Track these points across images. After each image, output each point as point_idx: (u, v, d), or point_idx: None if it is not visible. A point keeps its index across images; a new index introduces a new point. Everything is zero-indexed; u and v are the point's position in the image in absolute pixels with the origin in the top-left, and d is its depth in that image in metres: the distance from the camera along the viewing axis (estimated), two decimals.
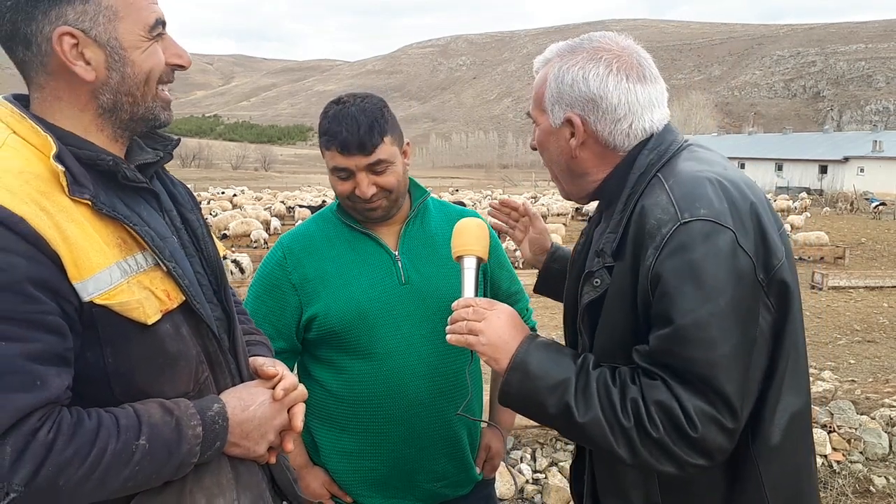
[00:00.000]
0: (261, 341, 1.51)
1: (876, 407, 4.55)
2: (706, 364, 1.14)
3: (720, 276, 1.16)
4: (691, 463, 1.18)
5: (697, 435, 1.15)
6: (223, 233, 25.11)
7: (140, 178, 1.21)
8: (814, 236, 22.85)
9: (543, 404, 1.26)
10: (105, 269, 1.08)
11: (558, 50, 1.40)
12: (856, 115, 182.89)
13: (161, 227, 1.23)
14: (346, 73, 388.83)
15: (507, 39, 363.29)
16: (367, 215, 1.80)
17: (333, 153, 1.72)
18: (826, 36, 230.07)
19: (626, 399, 1.20)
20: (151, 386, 1.15)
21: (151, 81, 1.19)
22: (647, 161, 1.32)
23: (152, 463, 1.08)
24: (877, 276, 17.79)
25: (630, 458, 1.20)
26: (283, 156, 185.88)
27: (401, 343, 1.77)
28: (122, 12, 1.14)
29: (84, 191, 1.09)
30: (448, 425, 1.83)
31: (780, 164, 68.39)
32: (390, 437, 1.79)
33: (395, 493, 1.83)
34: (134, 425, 1.08)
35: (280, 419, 1.28)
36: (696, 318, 1.14)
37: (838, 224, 31.46)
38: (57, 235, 1.03)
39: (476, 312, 1.38)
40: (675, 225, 1.19)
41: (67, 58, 1.10)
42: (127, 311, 1.09)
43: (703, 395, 1.15)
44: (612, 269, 1.29)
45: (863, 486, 3.83)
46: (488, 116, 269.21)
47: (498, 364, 1.34)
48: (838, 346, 10.96)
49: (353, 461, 1.83)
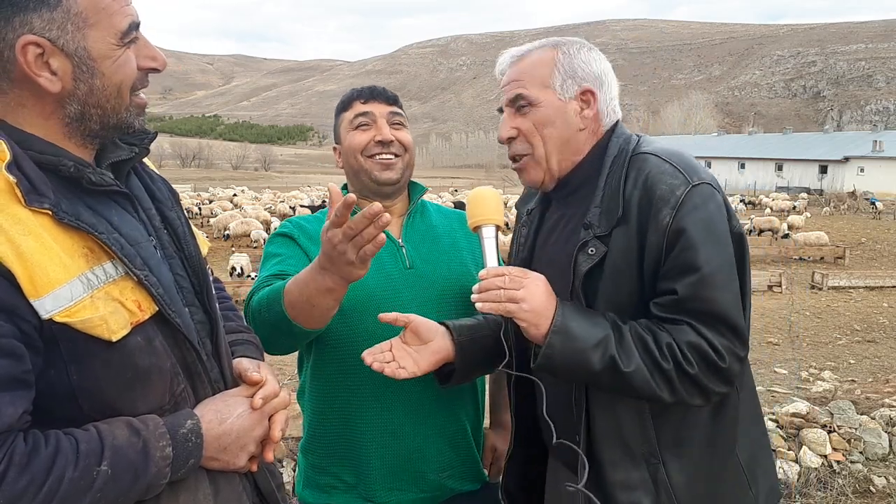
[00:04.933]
0: (249, 340, 1.45)
1: (876, 407, 4.55)
2: (724, 303, 1.35)
3: (724, 229, 1.40)
4: (716, 392, 1.39)
5: (726, 366, 1.35)
6: (225, 233, 25.08)
7: (107, 182, 1.14)
8: (814, 236, 22.85)
9: (589, 361, 1.37)
10: (65, 285, 1.01)
11: (539, 43, 1.58)
12: (856, 115, 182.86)
13: (134, 231, 1.16)
14: (346, 73, 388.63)
15: (507, 39, 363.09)
16: (384, 177, 1.84)
17: (355, 105, 1.86)
18: (826, 36, 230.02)
19: (662, 344, 1.36)
20: (122, 402, 1.09)
21: (124, 92, 1.13)
22: (618, 146, 1.52)
23: (116, 487, 1.03)
24: (877, 276, 17.78)
25: (670, 397, 1.37)
26: (284, 156, 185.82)
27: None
28: (93, 19, 1.07)
29: (43, 200, 1.02)
30: (452, 413, 1.84)
31: (780, 164, 68.38)
32: (396, 427, 1.79)
33: (401, 485, 1.82)
34: (95, 450, 1.02)
35: (260, 429, 1.23)
36: (717, 266, 1.36)
37: (838, 224, 31.45)
38: (9, 251, 0.97)
39: (513, 280, 1.41)
40: (688, 187, 1.38)
41: (31, 69, 1.04)
42: (89, 329, 1.03)
43: (720, 331, 1.36)
44: (605, 238, 1.44)
45: (863, 486, 3.83)
46: (488, 116, 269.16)
47: (538, 329, 1.40)
48: (838, 346, 10.97)
49: (358, 448, 1.82)
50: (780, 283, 16.42)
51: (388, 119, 1.84)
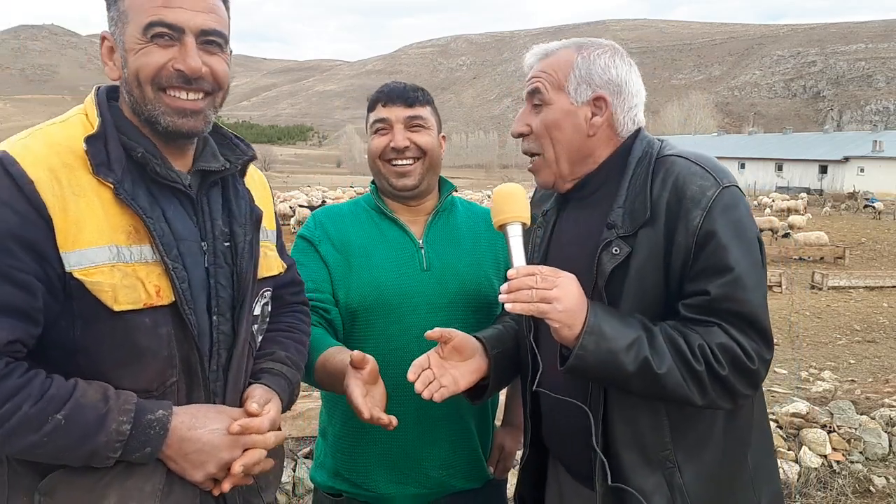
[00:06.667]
0: (282, 373, 1.44)
1: (876, 407, 4.55)
2: (754, 305, 1.35)
3: (754, 232, 1.40)
4: (743, 394, 1.37)
5: (755, 368, 1.34)
6: None
7: (172, 178, 1.23)
8: (814, 236, 22.83)
9: (622, 362, 1.33)
10: (93, 248, 1.12)
11: (567, 43, 1.55)
12: (856, 115, 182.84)
13: (185, 229, 1.24)
14: (346, 72, 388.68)
15: (507, 39, 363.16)
16: (399, 183, 1.85)
17: (377, 108, 1.86)
18: (826, 36, 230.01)
19: (694, 345, 1.34)
20: (112, 371, 1.16)
21: (144, 83, 1.21)
22: (643, 149, 1.50)
23: (64, 439, 1.08)
24: (877, 276, 17.77)
25: (700, 399, 1.35)
26: (283, 156, 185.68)
27: (415, 328, 1.78)
28: (130, 15, 1.20)
29: (109, 174, 1.15)
30: (457, 413, 1.85)
31: (780, 164, 68.33)
32: (400, 422, 1.79)
33: (403, 479, 1.84)
34: (60, 398, 1.09)
35: (227, 454, 1.22)
36: (748, 267, 1.35)
37: (838, 224, 31.45)
38: (56, 204, 1.10)
39: (545, 280, 1.37)
40: (719, 189, 1.38)
41: (104, 58, 1.25)
42: (96, 291, 1.12)
43: (748, 334, 1.35)
44: (629, 238, 1.42)
45: (863, 486, 3.83)
46: (488, 116, 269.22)
47: (571, 330, 1.35)
48: (838, 346, 10.96)
49: (363, 444, 1.85)
50: (780, 282, 16.40)
51: (405, 124, 1.83)
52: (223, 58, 1.28)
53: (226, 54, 1.29)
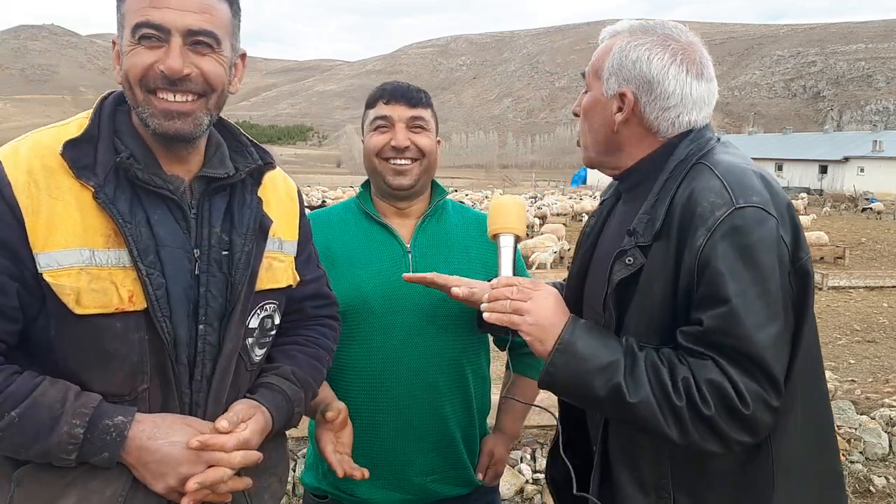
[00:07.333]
0: (282, 389, 1.38)
1: (876, 407, 4.55)
2: (757, 344, 1.17)
3: (770, 260, 1.20)
4: (736, 440, 1.21)
5: (749, 413, 1.17)
6: None
7: (159, 184, 1.21)
8: (814, 236, 22.81)
9: (591, 385, 1.25)
10: (63, 250, 1.12)
11: (630, 26, 1.44)
12: (856, 115, 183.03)
13: (170, 235, 1.21)
14: (346, 72, 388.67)
15: (507, 39, 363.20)
16: (395, 182, 1.83)
17: (378, 105, 1.85)
18: (826, 36, 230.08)
19: (678, 378, 1.21)
20: (82, 373, 1.16)
21: (134, 85, 1.19)
22: (687, 151, 1.36)
23: (18, 437, 1.11)
24: (877, 276, 17.77)
25: (680, 438, 1.21)
26: (284, 156, 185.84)
27: (399, 333, 1.78)
28: (127, 18, 1.19)
29: (91, 178, 1.15)
30: (440, 420, 1.84)
31: (780, 164, 68.39)
32: (382, 427, 1.80)
33: (385, 485, 1.82)
34: (19, 395, 1.10)
35: (187, 469, 1.18)
36: (751, 299, 1.18)
37: (838, 224, 31.45)
38: (30, 206, 1.11)
39: (521, 292, 1.34)
40: (730, 209, 1.21)
41: (114, 62, 1.25)
42: (59, 294, 1.12)
43: (751, 374, 1.18)
44: (647, 248, 1.30)
45: (863, 486, 3.83)
46: (488, 116, 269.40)
47: (543, 345, 1.31)
48: (838, 346, 10.96)
49: None
50: None
51: (407, 123, 1.82)
52: (216, 58, 1.23)
53: (220, 55, 1.24)
